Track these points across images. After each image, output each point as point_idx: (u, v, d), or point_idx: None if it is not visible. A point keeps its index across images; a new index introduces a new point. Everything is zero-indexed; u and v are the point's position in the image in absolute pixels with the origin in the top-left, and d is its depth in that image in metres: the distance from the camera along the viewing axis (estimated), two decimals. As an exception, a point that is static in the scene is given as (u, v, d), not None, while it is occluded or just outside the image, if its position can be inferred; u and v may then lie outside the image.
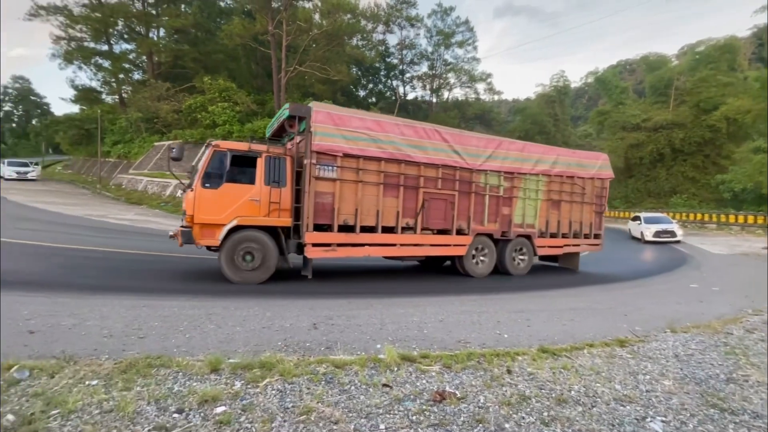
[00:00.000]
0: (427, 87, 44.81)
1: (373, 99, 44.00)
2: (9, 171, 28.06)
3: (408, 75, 44.65)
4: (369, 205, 7.45)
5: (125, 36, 37.34)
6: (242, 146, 6.95)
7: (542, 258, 10.57)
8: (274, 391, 3.00)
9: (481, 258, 8.92)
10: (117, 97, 38.96)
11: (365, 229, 7.47)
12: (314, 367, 3.43)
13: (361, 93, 45.01)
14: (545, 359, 4.01)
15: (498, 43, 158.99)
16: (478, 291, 7.56)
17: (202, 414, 2.64)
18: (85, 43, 35.75)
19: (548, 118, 44.06)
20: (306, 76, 30.66)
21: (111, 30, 35.38)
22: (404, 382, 3.30)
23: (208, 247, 6.98)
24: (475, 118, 43.81)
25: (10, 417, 2.50)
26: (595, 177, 10.25)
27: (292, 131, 7.16)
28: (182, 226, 6.74)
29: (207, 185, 6.59)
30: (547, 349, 4.23)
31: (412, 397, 3.06)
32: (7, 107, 69.84)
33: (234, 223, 6.58)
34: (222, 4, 36.95)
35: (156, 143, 28.00)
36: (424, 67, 43.94)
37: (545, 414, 2.92)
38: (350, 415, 2.76)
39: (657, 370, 3.89)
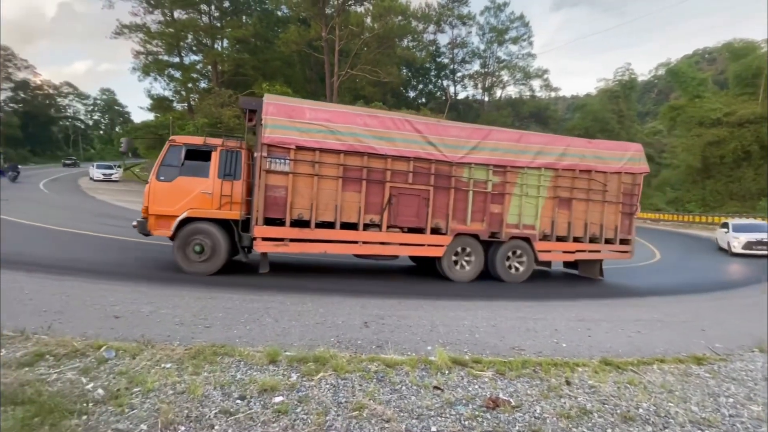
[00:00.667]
0: (479, 86, 43.88)
1: (423, 99, 43.88)
2: (97, 173, 31.67)
3: (459, 74, 44.04)
4: (327, 199, 7.09)
5: (194, 48, 40.50)
6: (197, 140, 7.17)
7: (564, 265, 9.74)
8: (327, 386, 3.09)
9: (465, 260, 8.01)
10: (186, 104, 42.34)
11: (323, 225, 7.17)
12: (366, 365, 3.49)
13: (411, 94, 45.08)
14: (608, 372, 3.75)
15: (555, 37, 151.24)
16: (533, 297, 7.25)
17: (261, 402, 2.79)
18: (160, 57, 39.28)
19: (611, 114, 41.16)
20: (357, 79, 31.33)
21: (182, 43, 38.56)
22: (456, 386, 3.25)
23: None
24: (530, 116, 42.06)
25: (101, 391, 2.81)
26: (622, 171, 8.59)
27: (250, 125, 7.08)
28: (140, 218, 6.98)
29: (162, 178, 6.85)
30: (611, 362, 3.96)
31: (464, 401, 3.01)
32: (96, 116, 78.81)
33: (185, 215, 6.71)
34: (279, 13, 38.79)
35: (219, 147, 30.09)
36: (475, 66, 43.11)
37: (609, 431, 2.73)
38: (402, 414, 2.77)
39: (743, 394, 3.49)
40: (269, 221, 6.95)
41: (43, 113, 61.89)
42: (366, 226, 7.29)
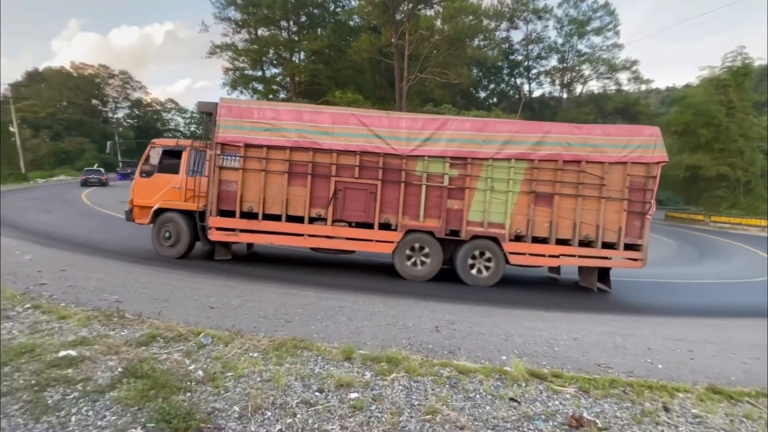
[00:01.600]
0: (556, 82, 41.20)
1: (494, 99, 42.44)
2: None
3: (534, 71, 41.81)
4: (274, 193, 7.36)
5: (274, 62, 43.78)
6: (171, 142, 8.34)
7: (551, 269, 8.36)
8: (400, 387, 3.13)
9: (421, 259, 7.56)
10: (267, 114, 45.89)
11: (271, 218, 7.37)
12: (438, 369, 3.47)
13: (482, 94, 43.86)
14: (718, 402, 3.28)
15: (646, 24, 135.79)
16: (619, 310, 6.60)
17: (338, 396, 2.92)
18: (246, 72, 43.13)
19: (718, 106, 35.91)
20: (426, 82, 31.32)
21: (264, 58, 41.94)
22: (534, 400, 3.09)
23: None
24: (616, 112, 38.40)
25: (200, 373, 3.16)
26: (628, 161, 7.08)
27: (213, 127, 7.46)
28: (126, 209, 8.25)
29: (143, 175, 8.14)
30: (721, 390, 3.45)
31: (543, 417, 2.85)
32: (192, 128, 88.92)
33: (157, 206, 7.80)
34: (351, 23, 40.31)
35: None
36: (552, 61, 40.61)
37: (721, 469, 2.39)
38: (476, 423, 2.71)
39: None
40: (223, 213, 7.45)
41: (152, 127, 71.39)
42: (312, 220, 7.41)
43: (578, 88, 40.90)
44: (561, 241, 7.29)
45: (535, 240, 7.35)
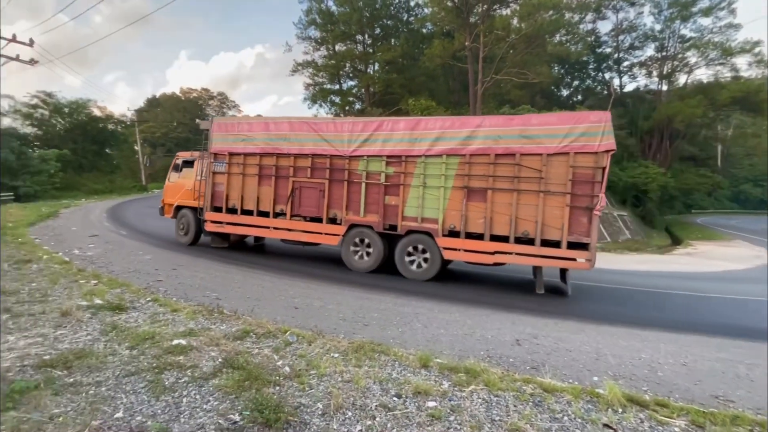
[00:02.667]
0: (654, 73, 36.80)
1: (579, 97, 39.31)
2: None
3: (626, 63, 37.85)
4: (250, 192, 8.79)
5: (350, 75, 45.77)
6: (188, 154, 10.38)
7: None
8: (479, 400, 3.02)
9: (366, 252, 8.00)
10: (344, 125, 48.09)
11: (248, 213, 8.78)
12: (520, 385, 3.28)
13: (565, 92, 40.93)
14: None
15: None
16: (742, 334, 5.59)
17: (416, 403, 2.91)
18: (324, 86, 45.76)
19: None
20: (502, 83, 30.15)
21: (341, 72, 44.11)
22: (634, 430, 2.76)
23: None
24: (734, 102, 33.00)
25: (287, 369, 3.38)
26: (570, 151, 6.41)
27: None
28: (160, 206, 10.71)
29: (170, 180, 10.49)
30: None
31: (646, 450, 2.53)
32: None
33: (176, 204, 10.09)
34: (424, 31, 40.55)
35: (370, 161, 33.10)
36: (648, 51, 36.32)
37: None
38: (565, 448, 2.50)
39: None
40: (216, 209, 9.13)
41: (244, 141, 79.36)
42: (277, 215, 8.57)
43: (682, 78, 36.05)
44: (498, 238, 6.94)
45: (471, 236, 7.13)
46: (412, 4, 40.96)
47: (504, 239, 6.89)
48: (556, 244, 6.59)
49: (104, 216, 15.92)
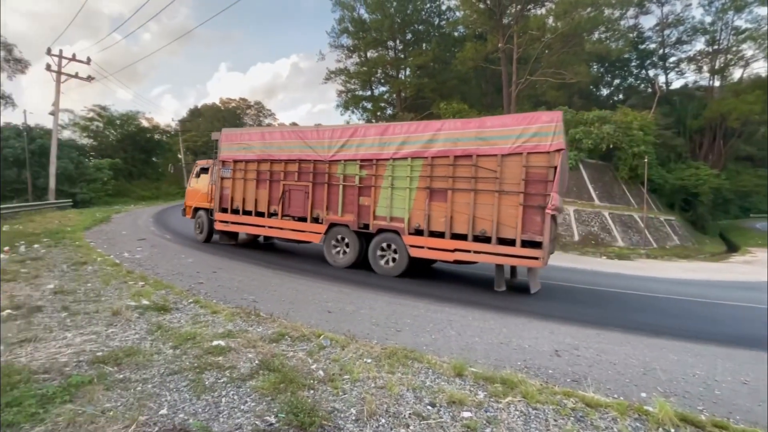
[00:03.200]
0: (705, 69, 34.54)
1: (620, 96, 37.55)
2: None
3: (673, 59, 35.79)
4: (249, 195, 9.69)
5: (382, 80, 46.19)
6: (205, 162, 11.56)
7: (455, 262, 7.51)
8: (517, 412, 2.91)
9: (344, 249, 8.61)
10: (375, 130, 48.54)
11: (248, 213, 9.70)
12: (560, 399, 3.13)
13: (605, 91, 39.24)
14: None
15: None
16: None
17: (450, 413, 2.84)
18: (356, 93, 46.41)
19: None
20: (537, 84, 29.35)
21: (372, 78, 44.60)
22: (689, 452, 2.56)
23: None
24: (796, 97, 30.32)
25: (321, 373, 3.41)
26: (523, 152, 6.61)
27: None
28: (183, 208, 12.21)
29: (190, 185, 11.91)
30: None
31: (704, 475, 2.33)
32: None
33: (194, 206, 11.46)
34: (456, 34, 40.28)
35: (401, 165, 33.16)
36: (698, 45, 34.20)
37: None
38: (612, 468, 2.35)
39: None
40: (223, 210, 10.14)
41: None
42: (271, 215, 9.36)
43: (737, 73, 33.57)
44: (458, 236, 7.22)
45: (434, 234, 7.47)
46: (443, 8, 40.84)
47: (464, 237, 7.15)
48: (512, 243, 6.75)
49: (151, 221, 16.87)
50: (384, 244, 8.10)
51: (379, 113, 47.05)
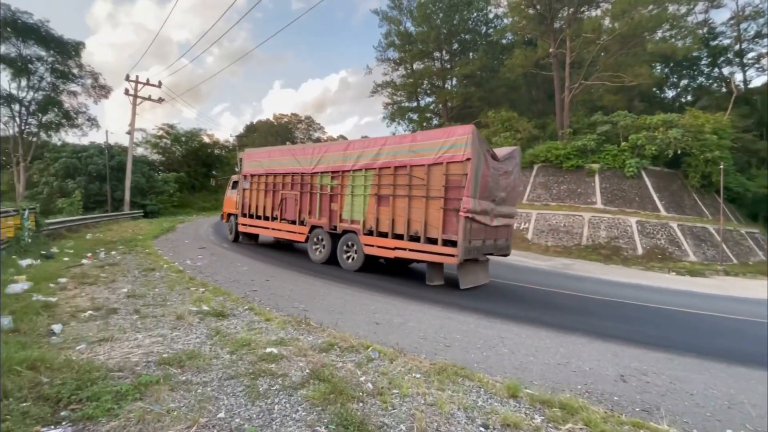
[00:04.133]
0: (790, 64, 30.84)
1: (689, 97, 34.57)
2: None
3: (751, 55, 32.40)
4: (260, 203, 11.78)
5: (428, 91, 46.30)
6: (237, 177, 13.42)
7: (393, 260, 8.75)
8: (579, 442, 2.70)
9: (322, 247, 9.99)
10: (421, 141, 48.63)
11: (259, 218, 11.83)
12: (629, 430, 2.86)
13: (670, 93, 36.36)
14: None
15: None
16: None
17: (505, 437, 2.69)
18: (402, 104, 46.88)
19: None
20: (593, 89, 27.86)
21: (418, 89, 44.86)
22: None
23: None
24: None
25: (370, 385, 3.39)
26: (443, 162, 7.55)
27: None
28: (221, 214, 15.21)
29: (227, 195, 14.32)
30: None
31: None
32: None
33: (228, 212, 14.06)
34: (504, 41, 39.51)
35: (448, 175, 32.80)
36: (782, 38, 30.68)
37: None
38: None
39: None
40: (244, 215, 12.44)
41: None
42: (273, 219, 11.30)
43: (831, 67, 29.58)
44: (398, 236, 8.22)
45: (381, 234, 8.56)
46: (490, 16, 40.33)
47: (402, 237, 8.15)
48: (436, 242, 7.59)
49: (210, 230, 18.02)
50: (348, 243, 9.40)
51: (425, 124, 47.15)
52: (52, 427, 2.52)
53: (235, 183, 13.64)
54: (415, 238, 7.94)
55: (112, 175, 26.63)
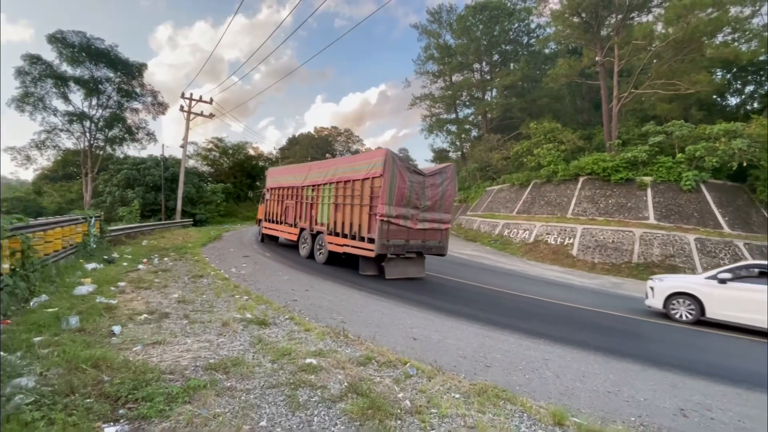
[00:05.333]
0: None
1: (755, 105, 31.85)
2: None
3: (828, 57, 29.36)
4: (274, 210, 14.91)
5: (467, 103, 46.01)
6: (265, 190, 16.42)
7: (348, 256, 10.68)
8: (634, 480, 2.50)
9: (307, 245, 12.38)
10: (459, 153, 48.13)
11: (274, 222, 14.86)
12: (692, 471, 2.62)
13: (733, 101, 33.70)
14: None
15: None
16: None
17: (551, 469, 2.55)
18: (441, 116, 46.83)
19: None
20: (644, 98, 26.42)
21: (457, 101, 44.68)
22: None
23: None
24: None
25: (408, 403, 3.35)
26: (369, 177, 9.67)
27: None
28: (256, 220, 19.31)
29: (259, 205, 17.50)
30: None
31: None
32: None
33: (259, 218, 17.34)
34: (546, 51, 38.57)
35: (487, 188, 32.10)
36: None
37: None
38: None
39: None
40: (266, 220, 15.69)
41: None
42: (280, 223, 14.30)
43: None
44: (346, 236, 10.36)
45: (338, 235, 10.76)
46: (532, 26, 39.63)
47: (347, 236, 10.31)
48: (363, 239, 9.69)
49: (253, 239, 18.74)
50: (320, 242, 11.69)
51: (464, 135, 46.75)
52: (112, 423, 2.70)
53: (264, 195, 16.80)
54: (353, 237, 10.06)
55: (166, 186, 28.54)
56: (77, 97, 30.06)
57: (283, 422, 2.87)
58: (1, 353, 3.56)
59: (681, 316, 7.78)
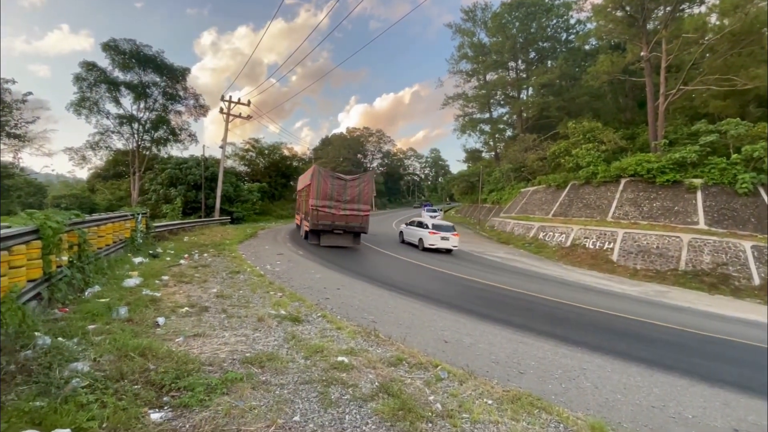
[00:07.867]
0: None
1: (824, 101, 29.05)
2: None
3: None
4: (301, 206, 19.07)
5: (501, 102, 45.00)
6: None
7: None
8: (682, 502, 2.35)
9: (301, 227, 18.16)
10: (493, 153, 47.18)
11: (299, 214, 20.02)
12: (747, 497, 2.43)
13: (796, 97, 30.90)
14: None
15: None
16: None
17: (589, 483, 2.45)
18: (474, 116, 46.07)
19: None
20: (694, 95, 24.78)
21: (491, 100, 43.80)
22: None
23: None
24: None
25: (439, 406, 3.32)
26: (308, 184, 15.09)
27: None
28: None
29: (295, 198, 30.30)
30: None
31: None
32: (426, 171, 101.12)
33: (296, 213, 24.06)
34: (586, 47, 37.00)
35: (522, 189, 31.24)
36: None
37: None
38: None
39: None
40: (297, 214, 21.77)
41: (396, 172, 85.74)
42: (298, 214, 20.34)
43: None
44: (304, 219, 16.28)
45: (305, 219, 16.04)
46: (571, 21, 38.20)
47: (305, 219, 15.45)
48: (308, 220, 14.81)
49: (287, 237, 19.24)
50: (304, 225, 16.40)
51: (497, 135, 45.77)
52: (157, 410, 2.85)
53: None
54: (306, 219, 15.64)
55: (205, 185, 29.85)
56: (127, 100, 32.05)
57: (316, 418, 2.92)
58: (61, 339, 3.86)
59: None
